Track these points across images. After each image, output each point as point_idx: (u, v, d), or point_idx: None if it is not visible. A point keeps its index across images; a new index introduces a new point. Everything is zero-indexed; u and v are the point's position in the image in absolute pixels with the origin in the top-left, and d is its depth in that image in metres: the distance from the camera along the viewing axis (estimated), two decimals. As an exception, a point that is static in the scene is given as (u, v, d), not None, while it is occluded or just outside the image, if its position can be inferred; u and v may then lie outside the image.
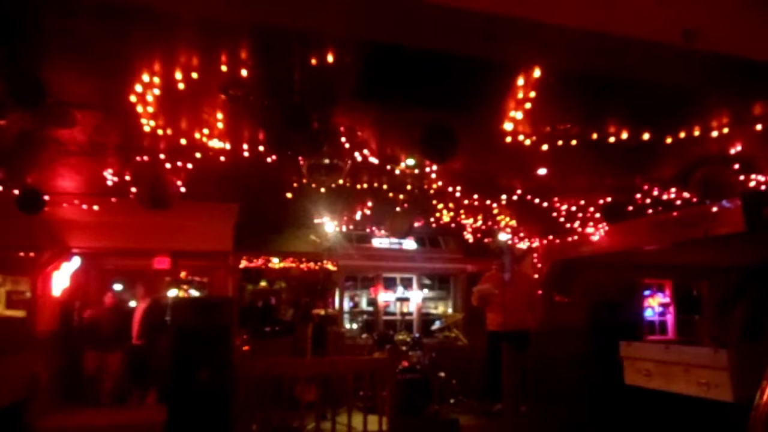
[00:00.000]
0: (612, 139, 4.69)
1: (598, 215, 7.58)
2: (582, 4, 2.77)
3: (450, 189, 6.51)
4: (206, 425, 5.18)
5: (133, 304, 8.69)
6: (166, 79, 3.61)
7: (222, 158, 5.12)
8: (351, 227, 8.95)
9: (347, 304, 9.81)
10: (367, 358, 7.49)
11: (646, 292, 11.29)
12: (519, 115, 4.15)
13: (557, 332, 7.49)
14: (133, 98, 3.88)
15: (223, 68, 3.49)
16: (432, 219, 8.23)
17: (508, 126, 4.38)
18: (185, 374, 5.29)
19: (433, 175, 5.95)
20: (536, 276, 9.60)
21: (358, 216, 7.94)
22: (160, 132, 4.50)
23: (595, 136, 4.65)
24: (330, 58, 3.33)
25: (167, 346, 6.62)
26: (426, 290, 10.47)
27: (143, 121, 4.27)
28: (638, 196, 6.69)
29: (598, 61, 3.13)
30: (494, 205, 7.31)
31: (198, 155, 5.05)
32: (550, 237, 9.50)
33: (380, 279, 9.92)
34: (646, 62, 3.08)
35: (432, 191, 6.56)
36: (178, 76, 3.56)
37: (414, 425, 6.50)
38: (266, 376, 5.60)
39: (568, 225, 8.27)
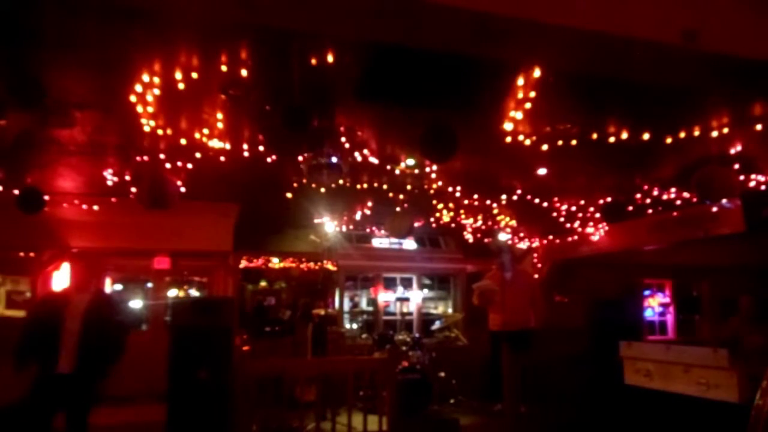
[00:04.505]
0: (612, 139, 4.69)
1: (598, 215, 7.58)
2: (582, 4, 2.77)
3: (450, 189, 6.51)
4: (206, 425, 5.17)
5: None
6: (166, 79, 3.61)
7: (222, 158, 5.13)
8: (351, 227, 8.95)
9: (347, 304, 9.81)
10: (367, 358, 7.48)
11: (646, 292, 11.29)
12: (519, 115, 4.15)
13: (557, 332, 7.48)
14: (133, 98, 3.88)
15: (223, 68, 3.49)
16: (432, 219, 8.24)
17: (508, 126, 4.38)
18: (185, 374, 5.28)
19: (433, 175, 5.95)
20: (536, 276, 9.61)
21: (358, 216, 7.94)
22: (160, 132, 4.51)
23: (595, 136, 4.66)
24: (330, 58, 3.34)
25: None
26: (426, 290, 10.47)
27: (143, 121, 4.28)
28: (638, 196, 6.69)
29: (598, 61, 3.13)
30: (494, 205, 7.31)
31: (198, 155, 5.06)
32: (550, 237, 9.50)
33: (380, 279, 9.92)
34: (646, 62, 3.08)
35: (432, 191, 6.56)
36: (178, 76, 3.56)
37: (414, 425, 6.50)
38: (266, 376, 5.60)
39: (568, 225, 8.27)
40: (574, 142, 4.73)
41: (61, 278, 7.54)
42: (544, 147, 4.83)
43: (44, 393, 4.24)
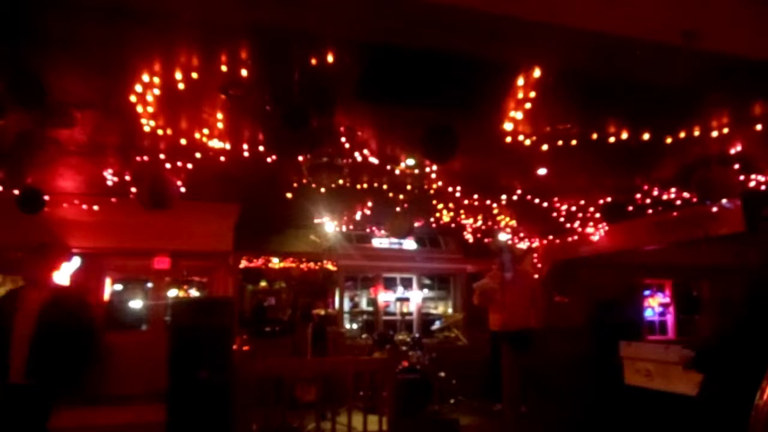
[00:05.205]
0: (612, 139, 4.69)
1: (598, 215, 7.58)
2: (582, 4, 2.77)
3: (450, 189, 6.51)
4: (206, 425, 5.17)
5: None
6: (166, 79, 3.61)
7: (222, 158, 5.13)
8: (351, 227, 8.95)
9: (347, 304, 9.80)
10: (367, 358, 7.48)
11: (646, 292, 11.29)
12: (519, 115, 4.15)
13: (557, 332, 7.49)
14: (133, 98, 3.88)
15: (223, 68, 3.49)
16: (432, 219, 8.24)
17: (508, 126, 4.38)
18: (185, 374, 5.28)
19: (433, 175, 5.95)
20: (536, 276, 9.61)
21: (358, 216, 7.94)
22: (160, 132, 4.51)
23: (595, 136, 4.65)
24: (330, 59, 3.34)
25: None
26: (426, 290, 10.46)
27: (143, 121, 4.28)
28: (638, 196, 6.69)
29: (598, 61, 3.13)
30: (494, 205, 7.31)
31: (198, 155, 5.05)
32: (550, 237, 9.50)
33: (380, 279, 9.91)
34: (646, 62, 3.08)
35: (432, 191, 6.56)
36: (178, 76, 3.56)
37: (414, 425, 6.50)
38: (266, 376, 5.60)
39: (568, 225, 8.27)
40: (574, 142, 4.73)
41: (61, 278, 7.52)
42: (544, 147, 4.83)
43: None
